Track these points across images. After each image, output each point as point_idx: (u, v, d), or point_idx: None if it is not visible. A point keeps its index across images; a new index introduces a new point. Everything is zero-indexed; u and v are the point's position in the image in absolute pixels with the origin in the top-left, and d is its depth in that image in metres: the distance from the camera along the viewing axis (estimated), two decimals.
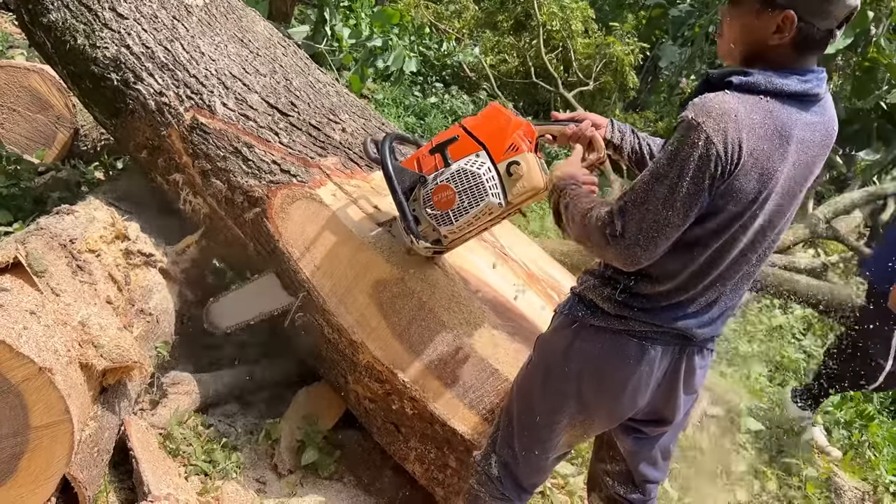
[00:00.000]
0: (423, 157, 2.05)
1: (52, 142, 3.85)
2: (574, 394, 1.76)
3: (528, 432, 1.86)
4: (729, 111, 1.46)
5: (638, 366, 1.68)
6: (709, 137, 1.44)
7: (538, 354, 1.86)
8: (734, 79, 1.52)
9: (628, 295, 1.67)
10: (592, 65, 8.96)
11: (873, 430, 3.98)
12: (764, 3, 1.51)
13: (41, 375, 1.80)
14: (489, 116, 1.98)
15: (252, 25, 3.09)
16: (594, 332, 1.71)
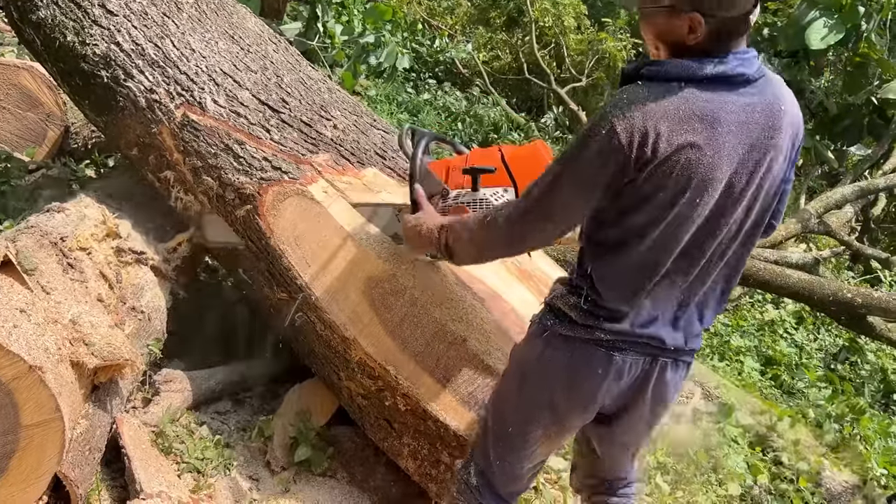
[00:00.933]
0: (454, 171, 2.01)
1: (43, 140, 3.84)
2: (546, 403, 1.74)
3: (502, 442, 1.85)
4: (635, 100, 1.47)
5: (606, 375, 1.66)
6: (612, 127, 1.45)
7: (512, 363, 1.85)
8: (645, 70, 1.53)
9: (591, 303, 1.64)
10: (585, 61, 8.97)
11: (864, 423, 4.00)
12: (669, 11, 1.50)
13: (31, 374, 1.79)
14: (529, 155, 1.94)
15: (242, 22, 3.08)
16: (563, 342, 1.69)
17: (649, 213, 1.52)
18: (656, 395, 1.74)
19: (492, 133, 7.50)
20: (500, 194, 1.91)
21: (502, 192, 1.91)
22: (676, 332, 1.68)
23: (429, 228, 1.81)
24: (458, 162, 2.03)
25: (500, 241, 1.66)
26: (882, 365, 4.94)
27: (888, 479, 3.54)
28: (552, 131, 8.20)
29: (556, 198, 1.56)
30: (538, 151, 1.93)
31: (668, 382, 1.73)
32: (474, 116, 7.57)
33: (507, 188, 1.92)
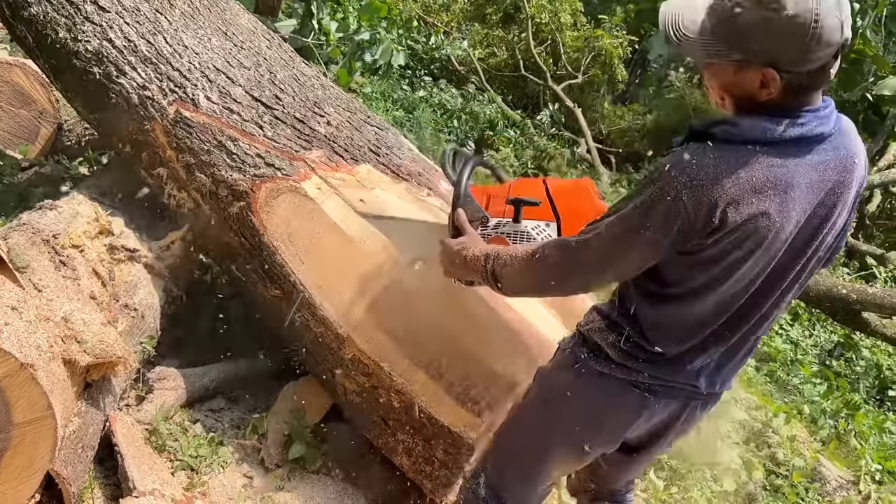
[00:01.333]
0: (495, 198, 1.96)
1: (36, 137, 3.82)
2: (572, 435, 1.72)
3: (520, 462, 1.83)
4: (706, 167, 1.36)
5: (638, 415, 1.64)
6: (678, 194, 1.36)
7: (538, 388, 1.81)
8: (717, 130, 1.40)
9: (633, 344, 1.59)
10: (581, 58, 8.98)
11: (859, 419, 4.01)
12: (738, 64, 1.38)
13: (23, 371, 1.78)
14: (576, 191, 1.89)
15: (236, 18, 3.07)
16: (597, 377, 1.64)
17: (711, 275, 1.46)
18: (681, 431, 1.75)
19: (487, 130, 7.50)
20: (542, 228, 1.86)
21: (544, 226, 1.86)
22: (716, 378, 1.65)
23: (474, 255, 1.74)
24: (499, 190, 1.98)
25: (547, 281, 1.59)
26: (877, 361, 4.96)
27: (882, 474, 3.55)
28: (548, 128, 8.20)
29: (612, 252, 1.48)
30: (585, 189, 1.88)
31: (695, 420, 1.73)
32: (470, 114, 7.56)
33: (550, 222, 1.87)
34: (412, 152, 2.94)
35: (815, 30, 1.29)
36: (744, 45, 1.35)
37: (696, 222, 1.37)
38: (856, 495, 3.29)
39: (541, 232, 1.85)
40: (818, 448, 3.59)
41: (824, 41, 1.31)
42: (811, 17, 1.29)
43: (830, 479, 3.33)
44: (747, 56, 1.36)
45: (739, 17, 1.33)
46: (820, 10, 1.29)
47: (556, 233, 1.86)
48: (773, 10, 1.30)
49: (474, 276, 1.77)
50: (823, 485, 3.30)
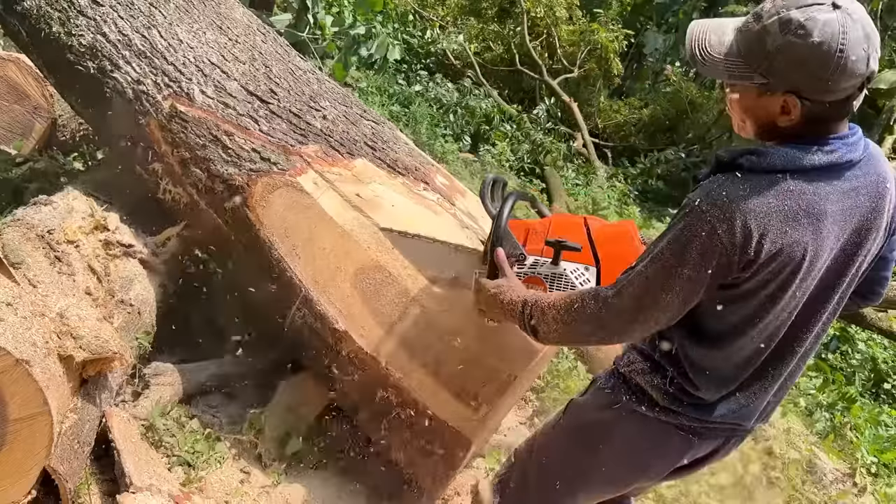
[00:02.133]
0: (534, 235, 1.90)
1: (30, 132, 3.80)
2: (607, 472, 1.70)
3: (545, 494, 1.79)
4: (737, 199, 1.33)
5: (681, 457, 1.63)
6: (713, 228, 1.32)
7: (570, 423, 1.77)
8: (744, 160, 1.37)
9: (678, 387, 1.56)
10: (577, 52, 8.97)
11: (855, 412, 4.02)
12: (760, 87, 1.37)
13: (18, 367, 1.77)
14: (618, 236, 1.84)
15: (230, 12, 3.05)
16: (638, 419, 1.61)
17: (751, 310, 1.44)
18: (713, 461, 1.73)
19: (483, 125, 7.48)
20: (581, 272, 1.80)
21: (583, 269, 1.81)
22: (759, 414, 1.63)
23: (512, 301, 1.69)
24: (539, 226, 1.92)
25: (587, 333, 1.54)
26: (873, 354, 4.97)
27: (878, 466, 3.57)
28: (544, 123, 8.19)
29: (651, 300, 1.43)
30: (628, 233, 1.83)
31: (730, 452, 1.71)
32: (466, 108, 7.55)
33: (589, 266, 1.81)
34: (408, 146, 2.93)
35: (839, 59, 1.28)
36: (767, 69, 1.34)
37: (733, 255, 1.34)
38: (851, 488, 3.30)
39: (580, 276, 1.79)
40: (814, 441, 3.60)
41: (848, 72, 1.30)
42: (836, 47, 1.28)
43: (826, 471, 3.34)
44: (769, 80, 1.35)
45: (765, 40, 1.32)
46: (847, 40, 1.28)
47: (596, 278, 1.80)
48: (798, 37, 1.29)
49: (510, 321, 1.72)
50: (819, 478, 3.31)
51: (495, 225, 1.88)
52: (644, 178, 8.16)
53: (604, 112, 9.30)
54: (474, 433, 2.19)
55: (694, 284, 1.39)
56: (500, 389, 2.16)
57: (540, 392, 3.37)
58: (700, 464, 1.73)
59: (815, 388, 4.15)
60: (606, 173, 7.73)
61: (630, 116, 9.31)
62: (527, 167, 7.29)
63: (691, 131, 9.09)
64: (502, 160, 6.92)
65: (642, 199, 7.70)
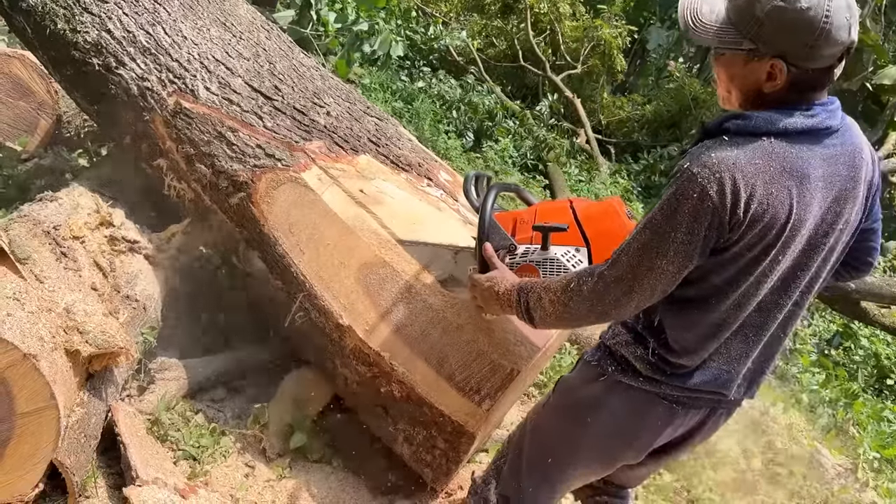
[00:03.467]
0: (522, 224, 1.92)
1: (35, 129, 3.80)
2: (595, 445, 1.73)
3: (539, 472, 1.82)
4: (725, 159, 1.38)
5: (666, 427, 1.65)
6: (704, 189, 1.36)
7: (560, 399, 1.80)
8: (730, 124, 1.44)
9: (659, 357, 1.59)
10: (580, 48, 8.96)
11: (857, 407, 4.03)
12: (749, 53, 1.42)
13: (26, 362, 1.79)
14: (604, 213, 1.84)
15: (234, 9, 3.06)
16: (623, 390, 1.65)
17: (734, 272, 1.47)
18: (703, 437, 1.75)
19: (486, 121, 7.48)
20: (572, 254, 1.81)
21: (574, 251, 1.82)
22: (742, 384, 1.65)
23: (506, 290, 1.72)
24: (526, 215, 1.93)
25: (585, 311, 1.55)
26: (875, 350, 4.97)
27: (881, 462, 3.57)
28: (547, 119, 8.18)
29: (647, 267, 1.45)
30: (613, 209, 1.84)
31: (719, 427, 1.74)
32: (469, 104, 7.54)
33: (579, 248, 1.82)
34: (412, 143, 2.94)
35: (825, 25, 1.34)
36: (756, 34, 1.40)
37: (724, 215, 1.38)
38: (854, 483, 3.30)
39: (571, 258, 1.80)
40: (817, 436, 3.61)
41: (832, 39, 1.36)
42: (822, 13, 1.34)
43: (829, 467, 3.35)
44: (758, 45, 1.40)
45: (755, 6, 1.38)
46: (831, 7, 1.34)
47: (587, 257, 1.82)
48: (787, 2, 1.35)
49: (507, 311, 1.75)
50: (822, 473, 3.32)
51: (480, 218, 1.90)
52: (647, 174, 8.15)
53: (607, 108, 9.29)
54: (477, 427, 2.21)
55: (687, 248, 1.42)
56: (503, 384, 2.17)
57: (543, 387, 3.39)
58: (688, 439, 1.75)
59: (817, 384, 4.15)
60: (609, 170, 7.73)
61: (633, 112, 9.30)
62: (530, 164, 7.29)
63: (694, 127, 9.08)
64: (505, 157, 6.92)
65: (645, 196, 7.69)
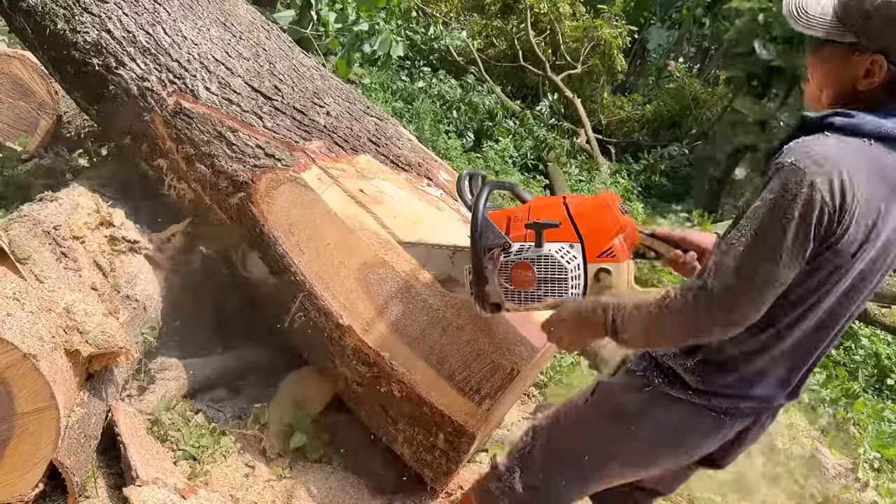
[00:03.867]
0: (515, 222, 1.90)
1: (35, 129, 3.81)
2: (636, 452, 1.71)
3: (572, 468, 1.79)
4: (832, 154, 1.35)
5: (713, 437, 1.64)
6: (813, 183, 1.32)
7: (600, 402, 1.77)
8: (836, 120, 1.41)
9: (713, 366, 1.55)
10: (580, 48, 8.96)
11: (858, 407, 4.03)
12: (850, 48, 1.42)
13: (25, 362, 1.79)
14: (597, 208, 1.82)
15: (234, 9, 3.06)
16: (670, 402, 1.62)
17: (817, 279, 1.43)
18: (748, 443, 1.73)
19: (486, 121, 7.48)
20: (566, 250, 1.79)
21: (568, 247, 1.79)
22: (792, 390, 1.62)
23: (590, 309, 1.64)
24: (520, 213, 1.91)
25: (685, 328, 1.48)
26: (876, 350, 4.97)
27: (881, 462, 3.57)
28: (547, 119, 8.18)
29: (758, 274, 1.38)
30: (606, 205, 1.82)
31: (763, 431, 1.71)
32: (469, 104, 7.55)
33: (573, 243, 1.80)
34: (412, 142, 2.94)
35: None
36: (861, 28, 1.40)
37: (833, 212, 1.35)
38: (854, 483, 3.30)
39: (565, 254, 1.79)
40: (817, 436, 3.61)
41: None
42: None
43: (829, 466, 3.34)
44: (861, 40, 1.41)
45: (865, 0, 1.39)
46: None
47: (581, 253, 1.80)
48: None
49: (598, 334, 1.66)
50: (822, 473, 3.31)
51: (473, 216, 1.88)
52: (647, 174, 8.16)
53: (607, 108, 9.30)
54: (477, 427, 2.21)
55: (802, 246, 1.37)
56: (503, 384, 2.17)
57: (543, 388, 3.39)
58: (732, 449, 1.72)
59: (818, 384, 4.15)
60: (610, 169, 7.73)
61: (633, 112, 9.31)
62: (530, 163, 7.29)
63: (695, 127, 9.09)
64: (505, 156, 6.92)
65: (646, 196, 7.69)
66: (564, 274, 1.77)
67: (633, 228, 1.82)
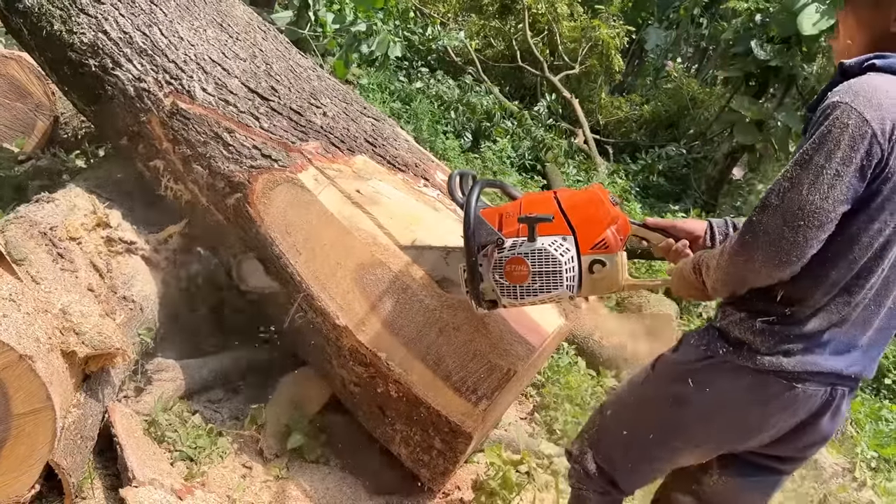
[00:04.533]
0: (508, 218, 1.91)
1: (32, 130, 3.81)
2: (702, 426, 1.68)
3: (638, 446, 1.78)
4: (879, 88, 1.39)
5: (785, 407, 1.57)
6: (861, 114, 1.36)
7: (662, 377, 1.76)
8: (877, 61, 1.45)
9: (782, 327, 1.54)
10: (578, 48, 8.96)
11: (855, 407, 4.03)
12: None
13: (21, 363, 1.79)
14: (588, 201, 1.84)
15: (231, 10, 3.06)
16: (735, 371, 1.59)
17: (868, 216, 1.43)
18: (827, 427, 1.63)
19: (485, 121, 7.48)
20: (559, 243, 1.81)
21: (561, 240, 1.81)
22: (863, 359, 1.58)
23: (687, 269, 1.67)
24: (511, 209, 1.93)
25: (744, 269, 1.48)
26: None
27: (878, 461, 3.57)
28: (545, 119, 8.19)
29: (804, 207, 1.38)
30: (596, 197, 1.84)
31: (840, 414, 1.63)
32: (467, 105, 7.54)
33: (566, 236, 1.82)
34: (408, 143, 2.94)
35: None
36: None
37: (883, 143, 1.37)
38: (851, 482, 3.30)
39: (559, 247, 1.80)
40: None
41: None
42: None
43: (826, 466, 3.34)
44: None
45: None
46: None
47: (574, 245, 1.82)
48: None
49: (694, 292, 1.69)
50: (819, 472, 3.32)
51: (466, 215, 1.89)
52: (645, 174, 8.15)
53: (605, 108, 9.29)
54: (474, 427, 2.21)
55: (845, 178, 1.37)
56: (500, 384, 2.17)
57: (540, 388, 3.39)
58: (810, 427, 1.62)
59: None
60: (608, 170, 7.72)
61: (631, 113, 9.30)
62: (528, 164, 7.29)
63: (692, 127, 9.09)
64: (503, 157, 6.92)
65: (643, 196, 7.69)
66: (559, 267, 1.78)
67: (625, 220, 1.84)
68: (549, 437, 3.11)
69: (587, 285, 1.83)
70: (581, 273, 1.81)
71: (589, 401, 3.21)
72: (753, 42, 6.94)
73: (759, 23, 7.07)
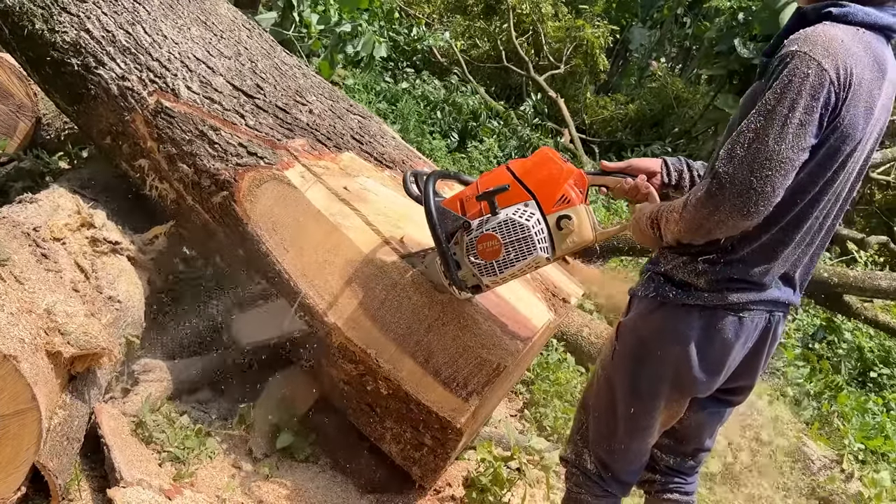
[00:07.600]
0: (468, 201, 1.93)
1: (14, 132, 3.76)
2: (670, 376, 1.71)
3: (625, 423, 1.80)
4: (835, 38, 1.43)
5: (737, 339, 1.65)
6: (820, 64, 1.40)
7: (625, 342, 1.79)
8: (833, 9, 1.49)
9: (723, 266, 1.60)
10: (563, 48, 8.98)
11: (842, 400, 4.06)
12: None
13: (6, 363, 1.77)
14: (539, 163, 1.86)
15: (215, 8, 3.04)
16: (687, 312, 1.65)
17: (823, 159, 1.49)
18: (769, 351, 1.75)
19: (471, 121, 7.49)
20: (522, 210, 1.83)
21: (523, 206, 1.84)
22: (796, 288, 1.68)
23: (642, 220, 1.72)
24: (469, 191, 1.95)
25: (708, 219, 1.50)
26: (858, 343, 5.01)
27: (865, 453, 3.60)
28: (531, 119, 8.20)
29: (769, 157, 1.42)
30: (548, 157, 1.86)
31: (778, 337, 1.74)
32: (453, 105, 7.54)
33: (527, 202, 1.84)
34: (395, 140, 2.93)
35: None
36: None
37: (839, 91, 1.42)
38: (839, 474, 3.33)
39: (523, 214, 1.83)
40: (802, 429, 3.63)
41: None
42: None
43: (814, 458, 3.37)
44: None
45: None
46: None
47: (538, 208, 1.84)
48: None
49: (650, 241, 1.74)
50: (807, 465, 3.34)
51: (426, 208, 1.92)
52: None
53: (590, 108, 9.33)
54: (465, 423, 2.20)
55: (808, 126, 1.42)
56: (490, 379, 2.17)
57: (530, 385, 3.39)
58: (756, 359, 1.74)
59: (802, 378, 4.18)
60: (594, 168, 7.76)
61: (616, 112, 9.34)
62: None
63: (677, 126, 9.13)
64: (490, 156, 6.92)
65: None
66: (527, 232, 1.82)
67: (580, 173, 1.86)
68: (539, 433, 3.12)
69: (560, 243, 1.85)
70: (551, 233, 1.84)
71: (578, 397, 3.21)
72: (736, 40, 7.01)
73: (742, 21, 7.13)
